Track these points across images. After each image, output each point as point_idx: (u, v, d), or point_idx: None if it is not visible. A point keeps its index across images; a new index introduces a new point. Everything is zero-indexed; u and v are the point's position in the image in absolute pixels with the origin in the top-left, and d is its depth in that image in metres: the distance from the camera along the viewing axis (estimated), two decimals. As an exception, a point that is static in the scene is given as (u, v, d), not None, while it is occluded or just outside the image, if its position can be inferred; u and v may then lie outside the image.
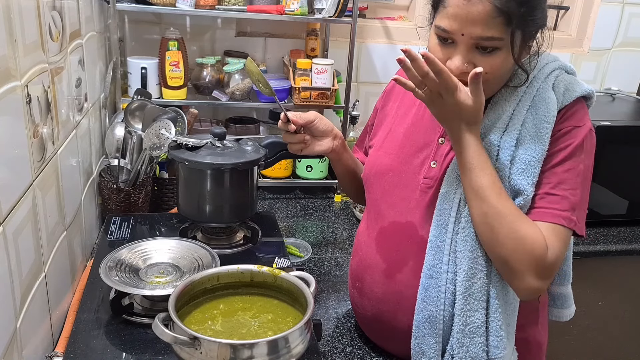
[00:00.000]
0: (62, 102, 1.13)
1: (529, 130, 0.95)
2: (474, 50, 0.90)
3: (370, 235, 1.11)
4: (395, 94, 1.17)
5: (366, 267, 1.11)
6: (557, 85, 0.98)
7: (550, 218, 0.93)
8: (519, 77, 0.99)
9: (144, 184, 1.51)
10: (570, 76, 1.01)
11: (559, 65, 1.01)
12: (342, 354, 1.14)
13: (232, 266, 0.98)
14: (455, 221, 0.98)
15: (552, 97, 0.96)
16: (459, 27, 0.89)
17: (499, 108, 0.98)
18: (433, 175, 1.03)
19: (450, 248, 0.98)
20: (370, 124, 1.25)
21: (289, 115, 1.12)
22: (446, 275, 0.98)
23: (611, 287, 1.85)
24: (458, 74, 0.91)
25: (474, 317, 0.96)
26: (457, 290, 0.97)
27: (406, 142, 1.09)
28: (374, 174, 1.12)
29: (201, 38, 1.93)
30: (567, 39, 2.28)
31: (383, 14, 2.19)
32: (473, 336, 0.97)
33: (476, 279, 0.96)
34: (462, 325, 0.97)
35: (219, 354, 0.79)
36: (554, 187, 0.94)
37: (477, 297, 0.96)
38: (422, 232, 1.02)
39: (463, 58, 0.91)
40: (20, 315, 0.88)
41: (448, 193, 0.99)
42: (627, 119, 1.94)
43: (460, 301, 0.96)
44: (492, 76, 0.92)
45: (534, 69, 0.99)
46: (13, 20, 0.85)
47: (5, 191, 0.82)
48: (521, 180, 0.94)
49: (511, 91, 0.98)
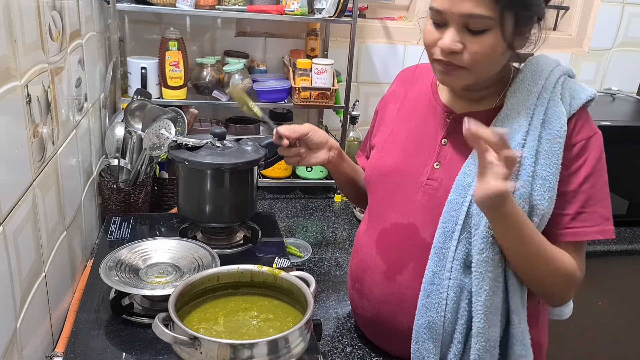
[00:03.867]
0: (62, 102, 1.13)
1: (543, 145, 0.95)
2: (465, 30, 0.91)
3: (371, 237, 1.11)
4: (396, 96, 1.17)
5: (366, 268, 1.11)
6: (564, 94, 0.98)
7: (583, 237, 0.97)
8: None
9: (144, 184, 1.51)
10: (573, 81, 1.01)
11: (563, 71, 1.01)
12: (342, 354, 1.14)
13: (232, 266, 0.98)
14: (462, 229, 0.97)
15: (562, 110, 0.96)
16: (449, 5, 0.89)
17: (514, 122, 0.97)
18: (437, 177, 1.03)
19: (454, 256, 0.98)
20: (372, 127, 1.24)
21: (282, 130, 1.12)
22: (448, 282, 0.98)
23: (611, 287, 1.85)
24: (448, 52, 0.92)
25: (493, 332, 0.97)
26: (477, 309, 0.96)
27: (409, 143, 1.08)
28: (376, 175, 1.12)
29: (201, 38, 1.93)
30: (567, 39, 2.28)
31: (383, 14, 2.19)
32: (493, 350, 0.97)
33: (496, 296, 0.96)
34: (484, 342, 0.96)
35: (218, 354, 0.79)
36: (584, 206, 0.97)
37: (496, 312, 0.96)
38: (424, 234, 1.02)
39: (453, 37, 0.91)
40: (20, 315, 0.88)
41: (456, 201, 0.98)
42: (627, 119, 1.94)
43: (482, 320, 0.96)
44: (481, 57, 0.91)
45: (542, 78, 0.98)
46: (13, 20, 0.85)
47: (5, 191, 0.82)
48: (540, 196, 0.94)
49: (522, 102, 0.97)
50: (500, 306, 0.97)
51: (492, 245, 0.94)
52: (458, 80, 0.97)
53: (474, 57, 0.91)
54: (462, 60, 0.92)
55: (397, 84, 1.20)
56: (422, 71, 1.15)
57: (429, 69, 1.01)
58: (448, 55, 0.92)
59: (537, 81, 0.98)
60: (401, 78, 1.21)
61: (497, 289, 0.96)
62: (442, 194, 1.00)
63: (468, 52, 0.91)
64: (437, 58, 0.94)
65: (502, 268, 0.96)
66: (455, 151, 1.03)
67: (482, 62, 0.92)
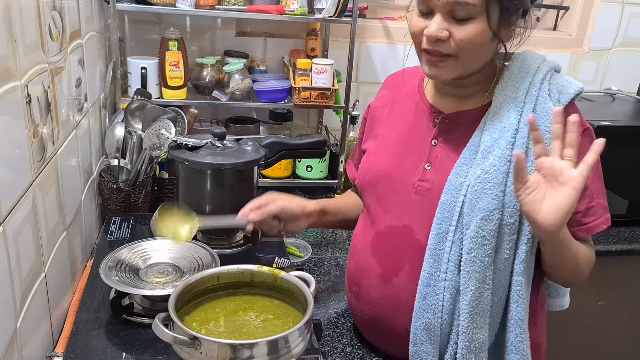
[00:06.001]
0: (62, 102, 1.13)
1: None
2: (451, 18, 0.91)
3: (366, 239, 1.11)
4: (385, 101, 1.17)
5: (362, 271, 1.10)
6: (551, 90, 0.98)
7: (595, 230, 1.01)
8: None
9: (144, 184, 1.51)
10: (559, 76, 1.01)
11: (550, 67, 1.01)
12: (342, 354, 1.14)
13: (232, 266, 0.98)
14: (456, 230, 0.97)
15: (551, 106, 0.96)
16: None
17: (504, 120, 0.97)
18: (429, 178, 1.03)
19: (449, 257, 0.98)
20: (361, 134, 1.24)
21: (247, 225, 1.11)
22: (444, 284, 0.98)
23: (611, 287, 1.85)
24: (433, 40, 0.93)
25: (479, 334, 0.97)
26: (463, 308, 0.96)
27: (399, 146, 1.08)
28: (368, 180, 1.12)
29: (201, 38, 1.93)
30: (567, 39, 2.28)
31: (383, 14, 2.19)
32: (478, 352, 0.97)
33: (483, 297, 0.96)
34: (467, 342, 0.96)
35: (218, 354, 0.79)
36: (590, 201, 0.99)
37: (482, 314, 0.96)
38: (418, 235, 1.02)
39: (439, 24, 0.91)
40: (20, 315, 0.88)
41: (449, 202, 0.98)
42: (627, 119, 1.94)
43: (467, 319, 0.96)
44: (467, 44, 0.92)
45: (529, 74, 0.99)
46: (13, 20, 0.85)
47: (5, 191, 0.82)
48: None
49: (510, 100, 0.98)
50: (488, 309, 0.97)
51: (482, 246, 0.94)
52: (446, 72, 0.97)
53: (460, 44, 0.91)
54: (448, 48, 0.93)
55: (386, 90, 1.20)
56: (409, 74, 1.16)
57: (416, 71, 1.02)
58: (434, 44, 0.93)
59: (524, 77, 0.99)
60: (389, 84, 1.21)
61: (485, 290, 0.95)
62: (434, 195, 1.00)
63: (454, 40, 0.92)
64: (424, 48, 0.95)
65: (491, 270, 0.95)
66: (445, 151, 1.03)
67: (468, 50, 0.93)
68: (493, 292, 0.97)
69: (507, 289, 0.99)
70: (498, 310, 0.99)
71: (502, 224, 0.94)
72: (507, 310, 0.99)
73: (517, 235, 0.96)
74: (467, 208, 0.95)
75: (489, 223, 0.94)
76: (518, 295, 0.97)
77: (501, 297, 0.99)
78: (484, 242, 0.94)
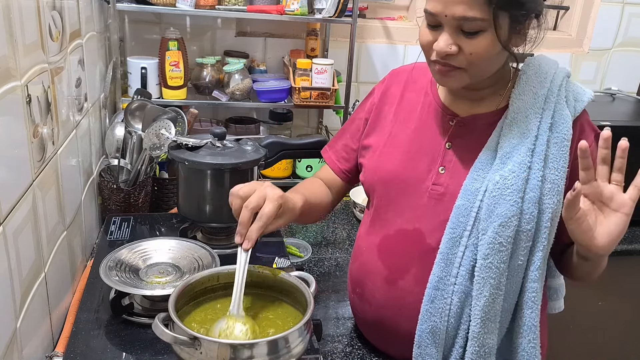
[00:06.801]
0: (62, 102, 1.13)
1: (552, 149, 0.96)
2: (459, 32, 0.90)
3: (372, 241, 1.10)
4: (392, 97, 1.13)
5: (367, 272, 1.10)
6: (568, 97, 0.99)
7: None
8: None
9: (144, 184, 1.51)
10: (573, 83, 1.02)
11: (565, 74, 1.01)
12: (342, 354, 1.14)
13: (232, 266, 0.98)
14: (470, 235, 0.97)
15: (568, 113, 0.97)
16: (442, 8, 0.89)
17: (522, 126, 0.97)
18: (443, 182, 1.01)
19: (461, 262, 0.97)
20: (364, 118, 1.16)
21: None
22: (453, 288, 0.98)
23: (611, 287, 1.85)
24: (442, 55, 0.92)
25: (490, 339, 0.97)
26: (475, 313, 0.96)
27: (411, 147, 1.06)
28: (377, 180, 1.09)
29: (201, 38, 1.93)
30: (567, 39, 2.28)
31: (383, 14, 2.19)
32: (488, 357, 0.97)
33: (496, 303, 0.96)
34: (477, 347, 0.96)
35: (218, 354, 0.79)
36: None
37: (494, 319, 0.96)
38: (429, 239, 1.01)
39: (447, 40, 0.91)
40: (20, 315, 0.88)
41: (464, 206, 0.97)
42: (627, 119, 1.94)
43: (478, 324, 0.96)
44: (476, 58, 0.91)
45: (546, 80, 0.99)
46: (13, 20, 0.85)
47: (5, 191, 0.82)
48: (549, 200, 0.95)
49: (529, 106, 0.97)
50: (499, 314, 0.97)
51: (499, 252, 0.94)
52: (455, 82, 0.96)
53: (470, 58, 0.91)
54: (458, 61, 0.92)
55: (392, 85, 1.15)
56: (419, 71, 1.13)
57: (426, 69, 1.01)
58: (444, 58, 0.92)
59: (542, 84, 0.98)
60: (396, 78, 1.16)
61: (498, 296, 0.95)
62: (449, 199, 0.99)
63: (464, 54, 0.91)
64: (434, 59, 0.94)
65: (505, 277, 0.95)
66: (460, 155, 1.02)
67: (478, 63, 0.92)
68: (504, 298, 0.97)
69: (517, 295, 0.99)
70: (507, 315, 0.99)
71: (519, 230, 0.94)
72: (516, 316, 0.99)
73: (532, 242, 0.96)
74: (484, 214, 0.95)
75: (506, 229, 0.93)
76: (532, 302, 0.97)
77: (511, 302, 0.99)
78: (500, 248, 0.94)
